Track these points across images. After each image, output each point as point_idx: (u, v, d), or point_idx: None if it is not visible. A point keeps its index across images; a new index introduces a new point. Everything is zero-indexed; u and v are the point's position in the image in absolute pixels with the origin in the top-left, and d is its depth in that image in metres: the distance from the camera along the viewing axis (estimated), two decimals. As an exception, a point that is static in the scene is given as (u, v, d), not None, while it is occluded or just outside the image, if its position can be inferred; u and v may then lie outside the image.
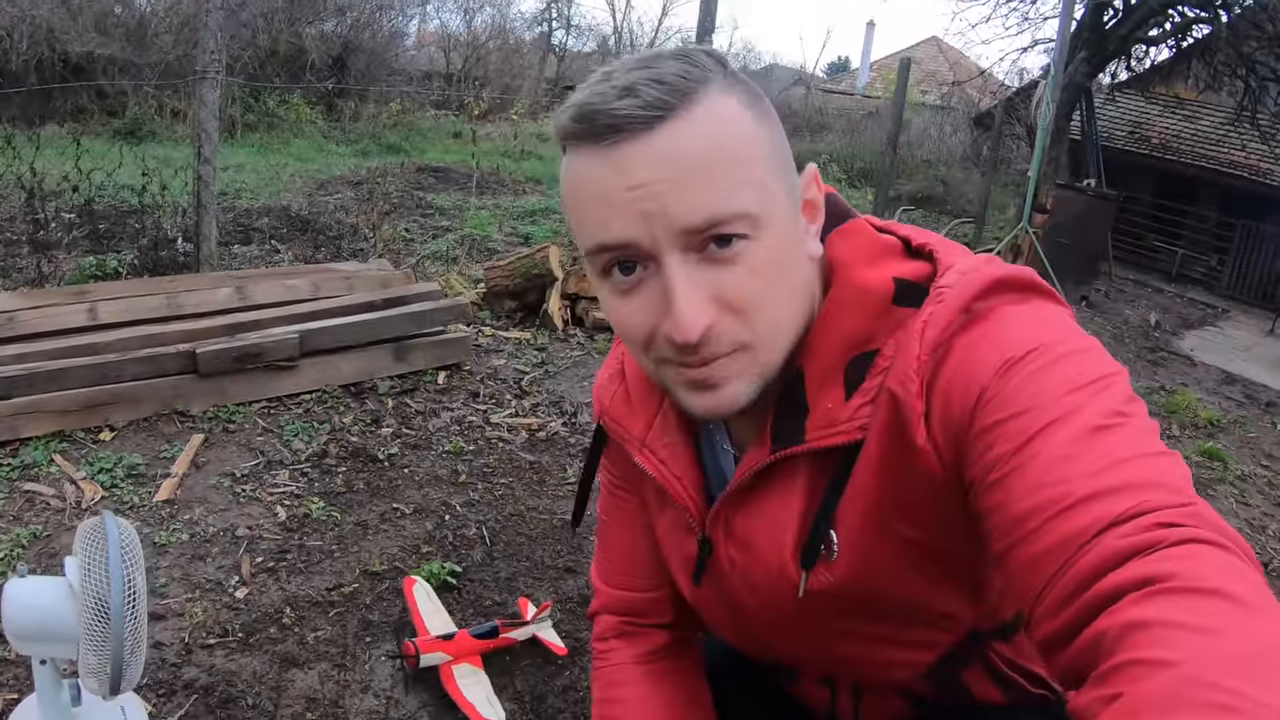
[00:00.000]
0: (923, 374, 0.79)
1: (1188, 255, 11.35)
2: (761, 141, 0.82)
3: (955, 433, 0.77)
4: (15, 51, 9.80)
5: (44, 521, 2.75)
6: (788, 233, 0.83)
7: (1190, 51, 10.91)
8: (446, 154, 11.58)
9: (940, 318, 0.80)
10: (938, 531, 0.85)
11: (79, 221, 5.33)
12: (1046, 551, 0.65)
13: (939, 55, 24.17)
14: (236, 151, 9.79)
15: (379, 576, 2.68)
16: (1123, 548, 0.61)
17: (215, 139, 4.73)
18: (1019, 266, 0.85)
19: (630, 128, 0.76)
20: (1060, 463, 0.68)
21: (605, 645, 1.21)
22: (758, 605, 0.99)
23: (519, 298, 5.30)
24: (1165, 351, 7.49)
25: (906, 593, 0.92)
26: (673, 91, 0.77)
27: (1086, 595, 0.61)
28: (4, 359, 3.29)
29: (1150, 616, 0.55)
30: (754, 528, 0.95)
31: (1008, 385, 0.74)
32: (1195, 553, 0.59)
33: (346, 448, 3.43)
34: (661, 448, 1.01)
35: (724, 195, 0.77)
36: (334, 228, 6.88)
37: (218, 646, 2.31)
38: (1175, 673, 0.51)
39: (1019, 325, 0.78)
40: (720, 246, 0.78)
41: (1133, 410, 0.72)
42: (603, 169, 0.78)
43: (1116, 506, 0.63)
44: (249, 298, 4.08)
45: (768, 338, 0.83)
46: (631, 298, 0.82)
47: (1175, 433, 5.21)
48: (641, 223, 0.77)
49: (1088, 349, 0.77)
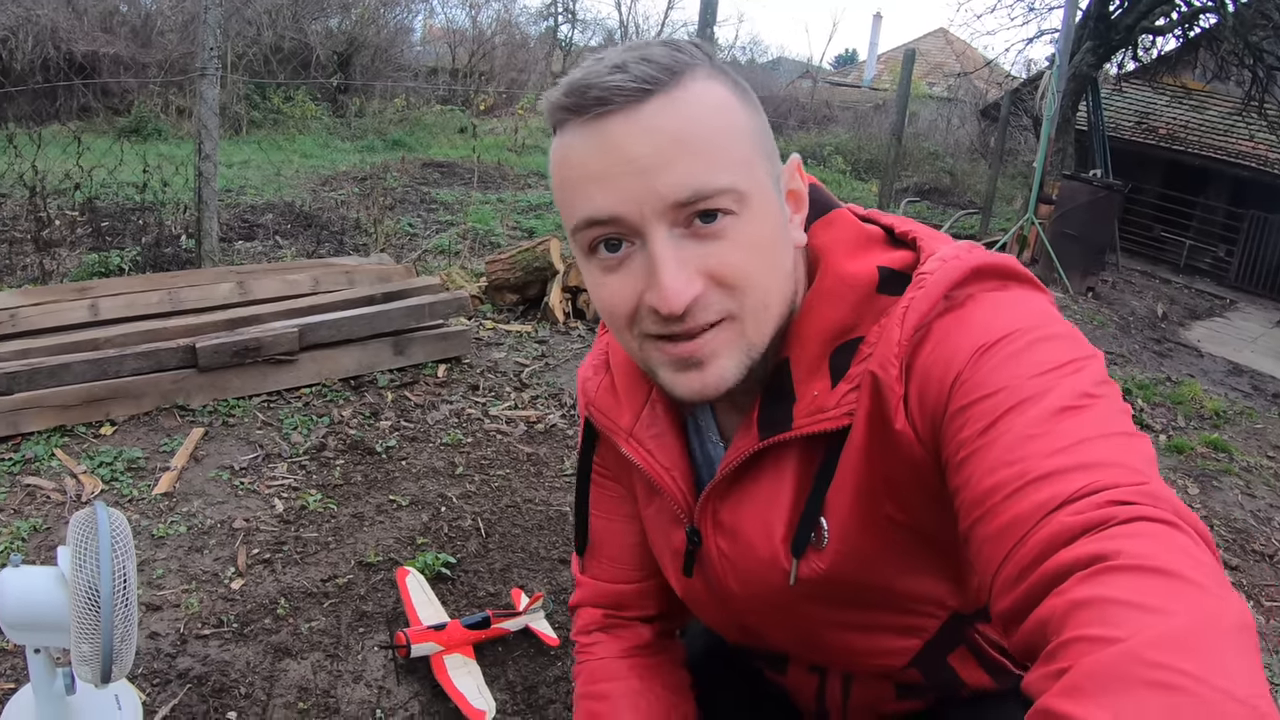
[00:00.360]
0: (903, 358, 0.81)
1: (1195, 246, 11.28)
2: (747, 125, 0.84)
3: (932, 415, 0.79)
4: (20, 51, 9.85)
5: (44, 515, 2.77)
6: (773, 214, 0.85)
7: (1197, 41, 10.85)
8: (452, 149, 11.58)
9: (921, 303, 0.81)
10: (922, 515, 0.87)
11: (82, 219, 5.36)
12: (1003, 528, 0.67)
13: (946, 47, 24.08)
14: (241, 148, 9.82)
15: (374, 568, 2.70)
16: (1073, 524, 0.62)
17: (216, 135, 4.76)
18: (1000, 254, 0.86)
19: (619, 99, 0.78)
20: (1023, 442, 0.69)
21: (589, 639, 1.21)
22: (746, 595, 1.00)
23: (520, 291, 5.31)
24: (1172, 342, 7.45)
25: (893, 579, 0.93)
26: (661, 69, 0.79)
27: (1037, 572, 0.62)
28: (6, 355, 3.31)
29: (1095, 595, 0.56)
30: (742, 517, 0.96)
31: (981, 368, 0.76)
32: (1144, 530, 0.60)
33: (345, 440, 3.44)
34: (649, 439, 1.02)
35: (709, 170, 0.79)
36: (337, 223, 6.90)
37: (212, 637, 2.33)
38: (1117, 650, 0.52)
39: (996, 311, 0.80)
40: (705, 221, 0.80)
41: (1102, 393, 0.73)
42: (590, 144, 0.80)
43: (1071, 484, 0.64)
44: (249, 293, 4.10)
45: (755, 313, 0.83)
46: (617, 274, 0.83)
47: (1181, 424, 5.19)
48: (628, 196, 0.79)
49: (1063, 335, 0.78)
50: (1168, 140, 11.89)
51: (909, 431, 0.81)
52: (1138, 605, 0.54)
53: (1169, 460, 4.58)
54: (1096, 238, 8.53)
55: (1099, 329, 7.29)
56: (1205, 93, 11.97)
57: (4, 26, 9.76)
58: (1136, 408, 5.29)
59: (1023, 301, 0.82)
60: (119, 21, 11.44)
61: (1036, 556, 0.63)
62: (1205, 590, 0.55)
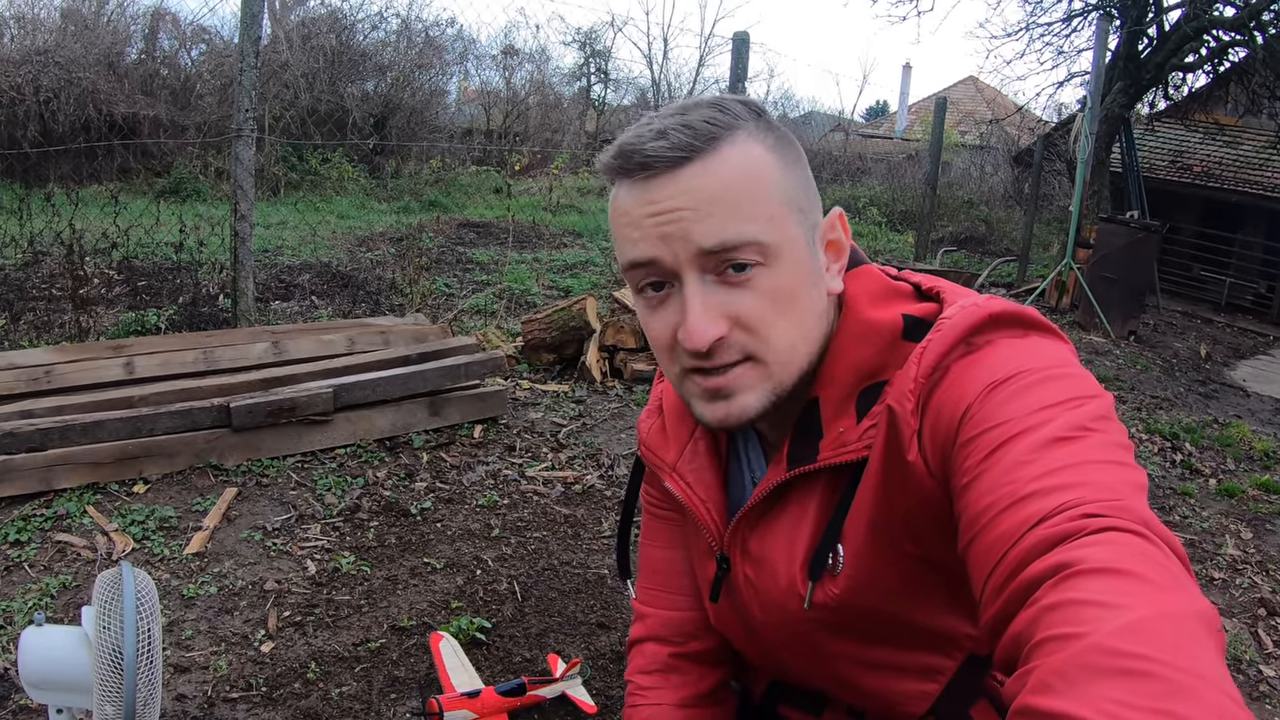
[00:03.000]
0: (919, 393, 0.87)
1: (1236, 283, 11.10)
2: (780, 183, 0.92)
3: (942, 447, 0.84)
4: (62, 113, 10.09)
5: (74, 572, 2.75)
6: (802, 266, 0.93)
7: (1228, 76, 10.78)
8: (488, 209, 11.69)
9: (938, 345, 0.87)
10: (933, 547, 0.91)
11: (119, 278, 5.42)
12: (990, 544, 0.71)
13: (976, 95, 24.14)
14: (279, 209, 9.96)
15: (407, 632, 2.64)
16: (1047, 536, 0.66)
17: (251, 196, 4.80)
18: (1020, 305, 0.91)
19: (659, 166, 0.88)
20: (1017, 467, 0.74)
21: (647, 680, 1.24)
22: (768, 622, 1.06)
23: (557, 351, 5.28)
24: (1217, 383, 7.29)
25: (905, 610, 0.98)
26: (699, 136, 0.88)
27: (1013, 584, 0.66)
28: (40, 411, 3.32)
29: (1061, 599, 0.60)
30: (768, 546, 1.03)
31: (989, 403, 0.81)
32: (1110, 539, 0.63)
33: (379, 502, 3.40)
34: (689, 472, 1.11)
35: (737, 225, 0.88)
36: (373, 283, 6.94)
37: (240, 700, 2.27)
38: (1081, 644, 0.55)
39: (1011, 354, 0.85)
40: (736, 271, 0.89)
41: (1100, 427, 0.77)
42: (636, 199, 0.90)
43: (1051, 502, 0.69)
44: (284, 352, 4.10)
45: (780, 356, 0.92)
46: (660, 311, 0.94)
47: (1231, 466, 5.03)
48: (664, 244, 0.89)
49: (1072, 375, 0.83)
50: (1203, 177, 11.78)
51: (920, 464, 0.86)
52: (1099, 603, 0.57)
53: (1220, 505, 4.43)
54: (1136, 280, 8.39)
55: (1143, 372, 7.14)
56: (1238, 128, 11.87)
57: (46, 89, 10.02)
58: (1185, 452, 5.15)
59: (1040, 347, 0.87)
60: (159, 85, 11.72)
61: (1013, 569, 0.67)
62: (1165, 589, 0.58)
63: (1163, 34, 9.99)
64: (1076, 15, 11.25)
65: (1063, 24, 11.43)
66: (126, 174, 10.58)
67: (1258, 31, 9.49)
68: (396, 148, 13.24)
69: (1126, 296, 8.40)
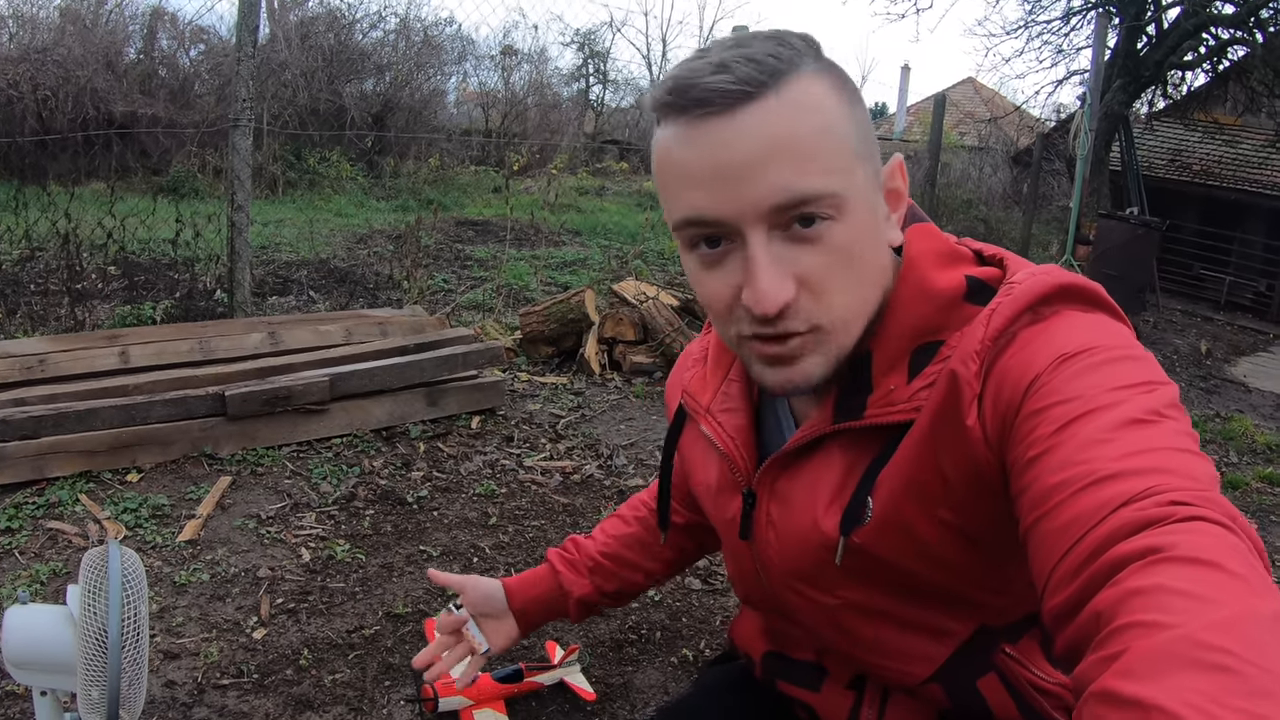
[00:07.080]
0: (984, 357, 0.83)
1: (1236, 281, 11.06)
2: (849, 126, 0.85)
3: (1004, 415, 0.80)
4: (60, 111, 10.06)
5: (65, 559, 2.72)
6: (869, 217, 0.87)
7: (1227, 75, 10.77)
8: (486, 208, 11.64)
9: (1007, 309, 0.83)
10: (970, 517, 0.88)
11: (116, 272, 5.39)
12: (1066, 524, 0.68)
13: (975, 95, 24.11)
14: (278, 208, 9.93)
15: (402, 619, 2.60)
16: (1134, 520, 0.64)
17: (248, 186, 4.77)
18: (1088, 279, 0.87)
19: (721, 102, 0.79)
20: (1092, 445, 0.71)
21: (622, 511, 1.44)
22: (785, 564, 1.04)
23: (555, 343, 5.25)
24: (1218, 379, 7.28)
25: (926, 569, 0.94)
26: (764, 70, 0.79)
27: (1093, 566, 0.63)
28: (34, 399, 3.29)
29: (1149, 584, 0.58)
30: (797, 487, 1.00)
31: (1059, 375, 0.77)
32: (1200, 529, 0.61)
33: (375, 491, 3.37)
34: (720, 413, 1.08)
35: (808, 175, 0.80)
36: (371, 279, 6.91)
37: (231, 687, 2.24)
38: (1170, 634, 0.54)
39: (1080, 328, 0.82)
40: (804, 226, 0.82)
41: (1173, 414, 0.74)
42: (690, 145, 0.81)
43: (1136, 485, 0.66)
44: (281, 343, 4.07)
45: (842, 322, 0.86)
46: (717, 271, 0.86)
47: (1233, 459, 5.02)
48: (728, 200, 0.80)
49: (1141, 358, 0.79)
50: (1202, 176, 11.75)
51: (978, 429, 0.82)
52: (1190, 594, 0.56)
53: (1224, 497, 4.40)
54: (1136, 277, 8.37)
55: (1145, 369, 7.11)
56: (1237, 126, 11.84)
57: (45, 87, 9.99)
58: (1189, 445, 5.12)
59: (1107, 325, 0.84)
60: (158, 84, 11.69)
61: (1095, 550, 0.64)
62: (1254, 587, 0.57)
63: (1161, 31, 9.99)
64: (1075, 13, 11.27)
65: (1061, 21, 11.45)
66: (124, 172, 10.54)
67: (1257, 29, 9.48)
68: (395, 146, 13.19)
69: (1127, 293, 8.36)
